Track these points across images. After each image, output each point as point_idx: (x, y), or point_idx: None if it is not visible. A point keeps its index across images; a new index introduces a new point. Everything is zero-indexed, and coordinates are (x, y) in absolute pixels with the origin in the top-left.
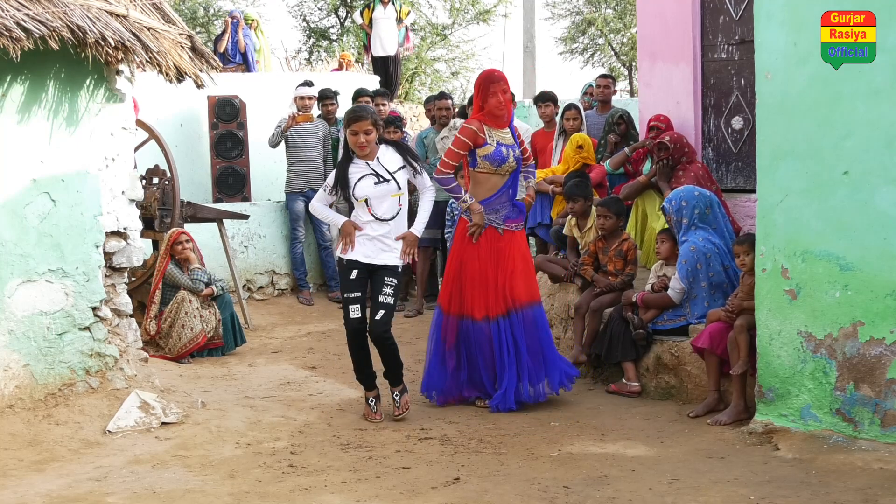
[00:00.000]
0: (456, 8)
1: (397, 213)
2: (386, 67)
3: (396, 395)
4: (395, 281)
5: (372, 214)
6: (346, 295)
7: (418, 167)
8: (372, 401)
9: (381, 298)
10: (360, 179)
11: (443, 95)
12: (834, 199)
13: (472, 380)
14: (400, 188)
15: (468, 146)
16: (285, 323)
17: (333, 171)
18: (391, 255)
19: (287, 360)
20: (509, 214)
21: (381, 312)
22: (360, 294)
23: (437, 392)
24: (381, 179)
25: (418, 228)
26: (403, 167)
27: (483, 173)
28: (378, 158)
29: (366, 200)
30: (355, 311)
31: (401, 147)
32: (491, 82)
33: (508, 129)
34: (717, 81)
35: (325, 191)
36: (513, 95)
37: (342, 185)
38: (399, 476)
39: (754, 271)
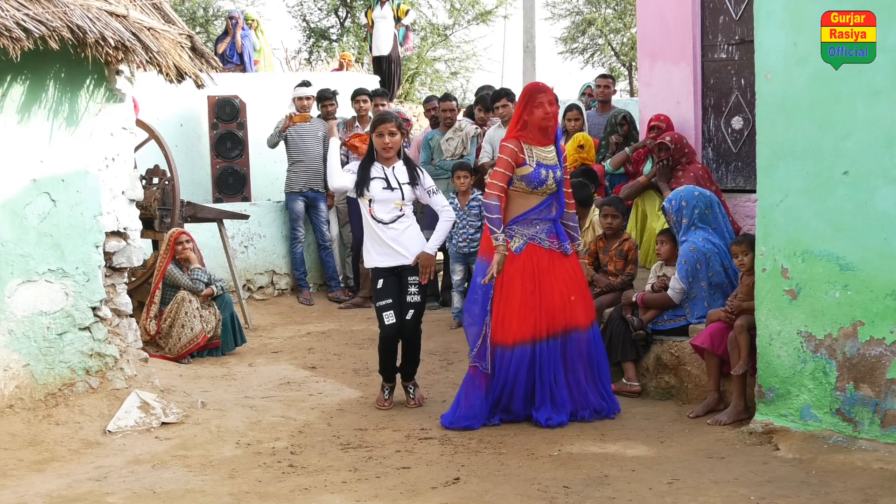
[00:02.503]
0: (456, 8)
1: (396, 219)
2: (381, 67)
3: (411, 389)
4: (418, 278)
5: (371, 215)
6: (378, 304)
7: (430, 189)
8: (387, 390)
9: (408, 299)
10: (372, 180)
11: (447, 97)
12: (834, 199)
13: (503, 408)
14: (403, 198)
15: (512, 166)
16: (285, 323)
17: (356, 164)
18: (406, 256)
19: (287, 360)
20: (551, 230)
21: (411, 312)
22: (391, 300)
23: (463, 419)
24: (389, 187)
25: (432, 247)
26: (409, 184)
27: (517, 192)
28: (393, 168)
29: (370, 200)
30: (389, 318)
31: (413, 169)
32: (538, 92)
33: (553, 147)
34: (717, 81)
35: (345, 168)
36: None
37: (359, 181)
38: (399, 476)
39: (753, 271)
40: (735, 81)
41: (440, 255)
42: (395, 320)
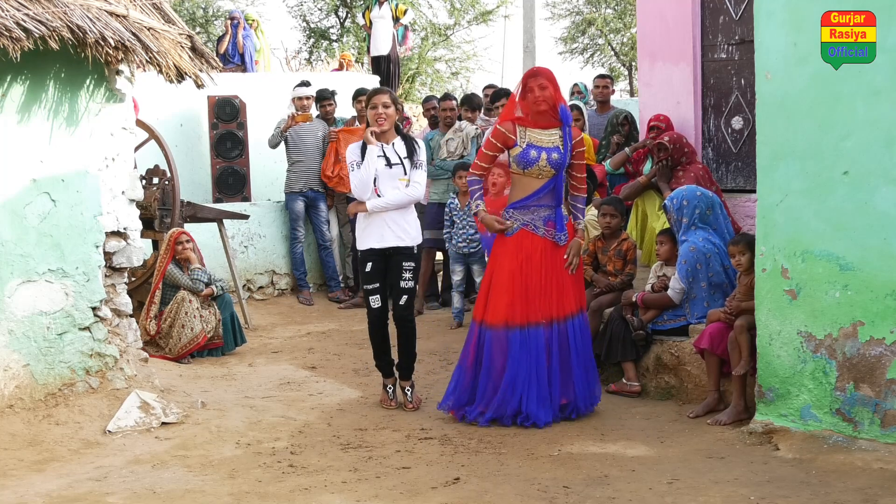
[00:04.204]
0: (456, 8)
1: None
2: (380, 67)
3: (408, 390)
4: (413, 264)
5: (377, 194)
6: (365, 287)
7: (418, 161)
8: (389, 388)
9: (401, 284)
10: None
11: (447, 97)
12: (834, 199)
13: (493, 392)
14: (406, 174)
15: (497, 148)
16: (285, 323)
17: (354, 148)
18: (403, 237)
19: (287, 360)
20: (550, 217)
21: (405, 297)
22: (378, 285)
23: (455, 405)
24: (390, 163)
25: (375, 203)
26: (409, 157)
27: (515, 174)
28: (393, 144)
29: (374, 179)
30: (375, 302)
31: (410, 142)
32: (529, 77)
33: (556, 131)
34: (717, 81)
35: (355, 168)
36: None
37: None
38: (399, 476)
39: (750, 271)
40: (735, 81)
41: (440, 256)
42: (380, 304)
